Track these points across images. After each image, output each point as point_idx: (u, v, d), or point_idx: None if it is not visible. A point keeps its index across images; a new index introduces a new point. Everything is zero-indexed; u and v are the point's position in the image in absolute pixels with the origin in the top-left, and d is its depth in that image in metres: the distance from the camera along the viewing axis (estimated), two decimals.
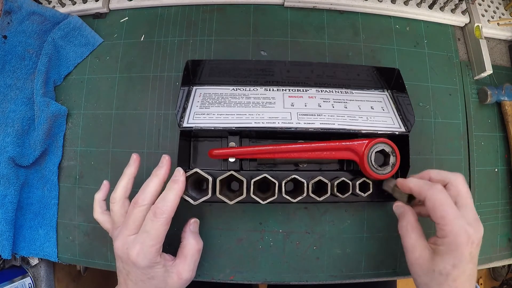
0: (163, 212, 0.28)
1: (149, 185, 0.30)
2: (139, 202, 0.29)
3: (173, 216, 0.29)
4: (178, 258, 0.31)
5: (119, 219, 0.31)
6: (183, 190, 0.29)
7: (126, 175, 0.32)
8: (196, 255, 0.32)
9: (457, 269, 0.27)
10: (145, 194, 0.29)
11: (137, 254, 0.28)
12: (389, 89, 0.39)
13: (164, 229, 0.28)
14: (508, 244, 0.41)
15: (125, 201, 0.31)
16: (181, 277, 0.30)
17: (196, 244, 0.32)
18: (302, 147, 0.34)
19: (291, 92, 0.38)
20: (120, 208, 0.31)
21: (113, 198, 0.31)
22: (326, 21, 0.43)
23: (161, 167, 0.31)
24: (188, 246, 0.31)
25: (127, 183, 0.32)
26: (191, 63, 0.36)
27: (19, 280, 0.40)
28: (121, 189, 0.31)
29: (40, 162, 0.40)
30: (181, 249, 0.32)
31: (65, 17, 0.41)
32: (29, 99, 0.40)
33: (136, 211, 0.29)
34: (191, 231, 0.32)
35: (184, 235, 0.32)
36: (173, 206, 0.29)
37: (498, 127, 0.43)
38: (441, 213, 0.27)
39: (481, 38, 0.42)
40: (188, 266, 0.31)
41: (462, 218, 0.27)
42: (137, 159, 0.33)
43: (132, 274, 0.29)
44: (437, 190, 0.28)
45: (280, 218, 0.38)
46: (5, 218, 0.36)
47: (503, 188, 0.42)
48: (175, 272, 0.30)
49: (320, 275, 0.37)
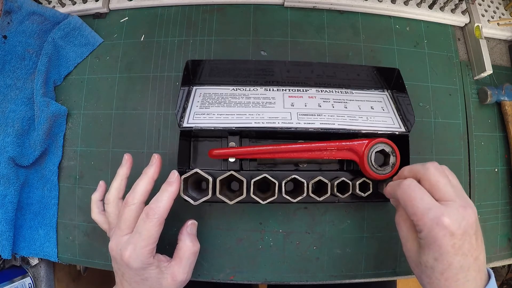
0: (155, 213, 0.28)
1: (139, 184, 0.30)
2: (129, 201, 0.29)
3: (168, 217, 0.29)
4: (174, 260, 0.31)
5: (114, 220, 0.31)
6: (177, 192, 0.29)
7: (119, 176, 0.32)
8: (192, 258, 0.31)
9: (440, 263, 0.26)
10: (135, 193, 0.29)
11: (129, 255, 0.27)
12: (389, 89, 0.39)
13: (156, 230, 0.28)
14: (508, 244, 0.41)
15: (119, 202, 0.31)
16: (175, 279, 0.30)
17: (193, 246, 0.31)
18: (302, 147, 0.34)
19: (291, 92, 0.38)
20: (114, 209, 0.31)
21: (107, 199, 0.31)
22: (326, 21, 0.43)
23: (151, 166, 0.30)
24: (184, 248, 0.31)
25: (120, 184, 0.32)
26: (191, 63, 0.36)
27: (19, 280, 0.40)
28: (114, 190, 0.31)
29: (40, 162, 0.40)
30: (177, 250, 0.31)
31: (65, 17, 0.41)
32: (29, 99, 0.40)
33: (127, 211, 0.29)
34: (188, 233, 0.32)
35: (181, 237, 0.32)
36: (165, 208, 0.28)
37: (498, 127, 0.43)
38: (411, 210, 0.27)
39: (481, 38, 0.42)
40: (183, 268, 0.30)
41: (435, 210, 0.25)
42: (129, 159, 0.33)
43: (126, 275, 0.29)
44: (404, 187, 0.27)
45: (280, 218, 0.38)
46: (5, 218, 0.36)
47: (503, 188, 0.42)
48: (170, 274, 0.30)
49: (320, 275, 0.37)
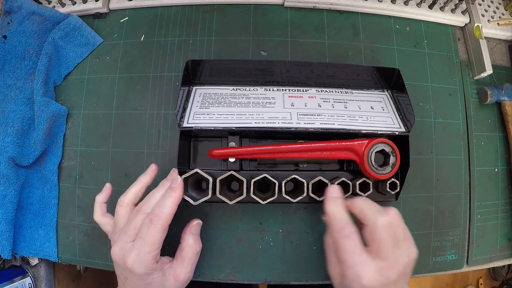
0: (160, 218, 0.28)
1: (155, 195, 0.30)
2: (142, 209, 0.29)
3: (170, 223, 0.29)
4: (176, 260, 0.31)
5: (122, 224, 0.30)
6: (181, 198, 0.29)
7: (140, 182, 0.32)
8: (194, 258, 0.31)
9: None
10: (149, 203, 0.29)
11: (133, 261, 0.27)
12: (389, 89, 0.39)
13: (160, 235, 0.28)
14: (508, 244, 0.41)
15: (132, 207, 0.31)
16: (177, 280, 0.30)
17: (196, 247, 0.31)
18: (302, 147, 0.34)
19: (291, 92, 0.38)
20: (126, 212, 0.31)
21: (122, 201, 0.31)
22: (326, 21, 0.43)
23: (168, 180, 0.31)
24: (187, 248, 0.31)
25: (139, 190, 0.32)
26: (191, 63, 0.36)
27: (19, 280, 0.40)
28: (132, 194, 0.31)
29: (40, 162, 0.40)
30: (179, 250, 0.31)
31: (65, 17, 0.41)
32: (29, 99, 0.40)
33: (138, 218, 0.29)
34: (192, 233, 0.32)
35: (184, 237, 0.31)
36: (169, 213, 0.28)
37: (498, 127, 0.43)
38: (340, 256, 0.27)
39: (481, 38, 0.42)
40: (185, 268, 0.30)
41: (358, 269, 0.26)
42: (155, 170, 0.33)
43: (129, 280, 0.29)
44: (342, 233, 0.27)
45: (280, 218, 0.38)
46: (5, 218, 0.36)
47: (503, 188, 0.42)
48: (172, 275, 0.30)
49: (320, 275, 0.37)
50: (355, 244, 0.27)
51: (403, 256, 0.27)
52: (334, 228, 0.28)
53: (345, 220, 0.28)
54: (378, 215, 0.27)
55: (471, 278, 1.08)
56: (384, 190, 0.35)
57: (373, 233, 0.27)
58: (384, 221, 0.27)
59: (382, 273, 0.26)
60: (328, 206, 0.30)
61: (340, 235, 0.28)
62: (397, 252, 0.27)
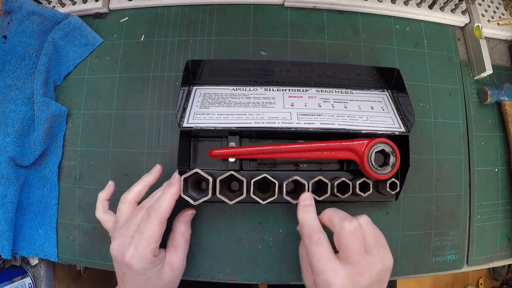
0: (157, 212, 0.28)
1: (157, 194, 0.30)
2: (145, 206, 0.30)
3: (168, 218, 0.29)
4: (168, 250, 0.31)
5: (123, 220, 0.31)
6: (178, 193, 0.30)
7: (144, 181, 0.32)
8: (186, 245, 0.32)
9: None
10: (151, 201, 0.30)
11: (131, 255, 0.28)
12: (389, 89, 0.39)
13: (157, 229, 0.28)
14: (508, 244, 0.41)
15: (135, 205, 0.31)
16: (173, 268, 0.30)
17: (187, 234, 0.32)
18: (302, 147, 0.34)
19: (291, 92, 0.38)
20: (128, 209, 0.31)
21: (125, 198, 0.31)
22: (326, 21, 0.43)
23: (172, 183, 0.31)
24: (179, 236, 0.32)
25: (142, 188, 0.32)
26: (191, 63, 0.36)
27: (19, 280, 0.40)
28: (135, 192, 0.32)
29: (40, 162, 0.40)
30: (171, 239, 0.32)
31: (65, 17, 0.41)
32: (29, 99, 0.40)
33: (140, 215, 0.29)
34: (185, 222, 0.33)
35: (177, 224, 0.32)
36: (166, 207, 0.29)
37: (498, 127, 0.43)
38: (310, 262, 0.27)
39: (481, 38, 0.42)
40: (179, 256, 0.31)
41: (328, 274, 0.26)
42: (159, 171, 0.33)
43: (128, 276, 0.29)
44: (313, 243, 0.27)
45: (280, 218, 0.38)
46: (5, 218, 0.36)
47: (503, 188, 0.42)
48: (167, 265, 0.30)
49: None
50: (324, 251, 0.27)
51: (376, 262, 0.27)
52: (304, 235, 0.28)
53: (314, 226, 0.28)
54: (345, 221, 0.27)
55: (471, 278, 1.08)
56: (384, 190, 0.35)
57: (340, 239, 0.27)
58: (350, 227, 0.27)
59: (353, 279, 0.26)
60: (299, 214, 0.30)
61: (309, 241, 0.28)
62: (369, 258, 0.27)
